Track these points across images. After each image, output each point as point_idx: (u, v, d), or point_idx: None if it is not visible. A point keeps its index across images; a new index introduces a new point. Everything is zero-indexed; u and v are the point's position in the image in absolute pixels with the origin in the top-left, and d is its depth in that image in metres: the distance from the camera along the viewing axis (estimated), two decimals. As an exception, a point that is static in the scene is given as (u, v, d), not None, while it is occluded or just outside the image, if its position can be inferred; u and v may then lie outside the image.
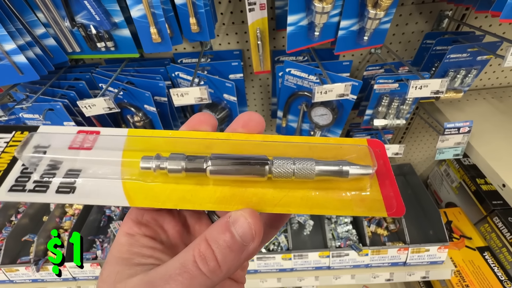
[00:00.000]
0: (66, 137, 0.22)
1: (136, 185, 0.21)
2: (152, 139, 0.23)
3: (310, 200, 0.21)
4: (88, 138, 0.22)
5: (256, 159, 0.21)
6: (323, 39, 0.59)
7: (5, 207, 1.09)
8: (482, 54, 0.64)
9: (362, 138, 0.24)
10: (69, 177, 0.21)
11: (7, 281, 0.95)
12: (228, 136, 0.23)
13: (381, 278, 0.87)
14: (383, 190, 0.22)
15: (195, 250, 0.18)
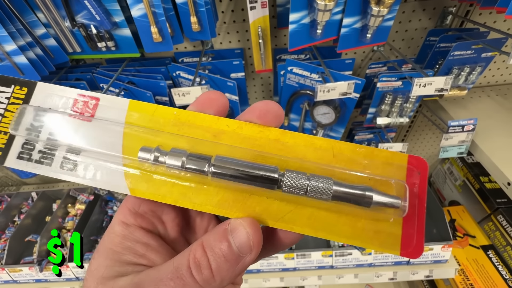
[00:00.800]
0: (66, 101, 0.21)
1: (137, 174, 0.20)
2: (155, 117, 0.20)
3: (318, 220, 0.19)
4: (88, 105, 0.20)
5: (265, 172, 0.18)
6: (325, 37, 0.58)
7: (8, 207, 1.10)
8: (487, 51, 0.63)
9: (402, 154, 0.20)
10: (71, 153, 0.20)
11: (11, 281, 0.96)
12: (240, 127, 0.20)
13: (385, 277, 0.87)
14: (406, 225, 0.19)
15: (190, 256, 0.18)
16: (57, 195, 1.15)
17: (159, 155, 0.19)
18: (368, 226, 0.19)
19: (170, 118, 0.20)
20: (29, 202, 1.15)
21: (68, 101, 0.21)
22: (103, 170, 0.20)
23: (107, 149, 0.20)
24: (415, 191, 0.19)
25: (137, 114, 0.20)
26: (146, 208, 0.21)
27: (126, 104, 0.21)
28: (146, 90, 0.65)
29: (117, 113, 0.20)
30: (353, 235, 0.19)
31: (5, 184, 1.25)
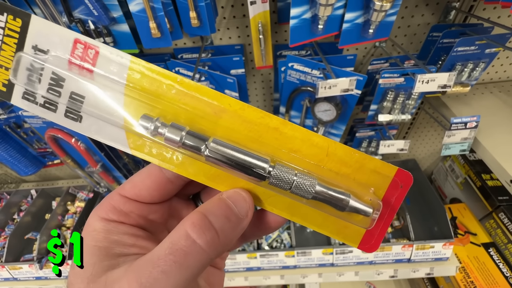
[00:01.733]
0: (65, 45, 0.19)
1: (138, 136, 0.20)
2: (156, 81, 0.19)
3: (296, 208, 0.21)
4: (87, 53, 0.19)
5: (257, 163, 0.19)
6: (327, 33, 0.57)
7: (8, 205, 1.09)
8: (491, 46, 0.62)
9: (393, 166, 0.21)
10: (74, 101, 0.19)
11: (11, 278, 0.96)
12: (242, 108, 0.20)
13: (385, 274, 0.87)
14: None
15: (187, 225, 0.17)
16: (57, 192, 1.15)
17: (159, 126, 0.19)
18: (338, 221, 0.21)
19: (172, 85, 0.20)
20: (29, 199, 1.14)
21: (67, 45, 0.19)
22: (105, 126, 0.20)
23: (109, 107, 0.19)
24: (391, 201, 0.21)
25: (138, 75, 0.19)
26: (132, 207, 0.20)
27: (127, 62, 0.19)
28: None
29: (118, 69, 0.19)
30: (323, 225, 0.21)
31: (5, 182, 1.24)
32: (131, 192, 0.20)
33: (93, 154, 0.76)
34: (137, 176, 0.21)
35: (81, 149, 0.73)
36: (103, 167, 0.79)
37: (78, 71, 0.19)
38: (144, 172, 0.21)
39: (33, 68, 0.19)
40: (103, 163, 0.79)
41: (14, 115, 0.88)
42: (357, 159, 0.20)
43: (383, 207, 0.20)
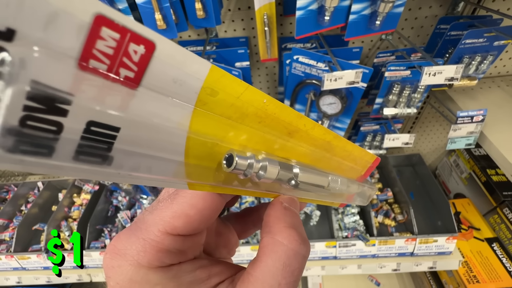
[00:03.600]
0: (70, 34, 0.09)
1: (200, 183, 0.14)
2: (240, 101, 0.13)
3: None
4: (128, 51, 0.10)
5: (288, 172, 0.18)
6: (333, 24, 0.57)
7: (15, 197, 1.11)
8: (499, 39, 0.61)
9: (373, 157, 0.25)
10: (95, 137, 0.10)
11: (19, 268, 0.98)
12: (312, 127, 0.17)
13: (388, 268, 0.87)
14: None
15: (288, 241, 0.16)
16: (63, 185, 1.17)
17: (253, 163, 0.14)
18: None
19: (257, 106, 0.14)
20: (35, 192, 1.16)
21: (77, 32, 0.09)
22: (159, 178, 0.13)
23: (165, 151, 0.12)
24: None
25: (217, 92, 0.12)
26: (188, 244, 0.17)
27: (205, 73, 0.12)
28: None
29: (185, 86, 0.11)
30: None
31: (12, 174, 1.26)
32: (184, 225, 0.16)
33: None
34: (182, 204, 0.16)
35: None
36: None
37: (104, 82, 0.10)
38: (194, 197, 0.16)
39: None
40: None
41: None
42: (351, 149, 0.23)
43: None
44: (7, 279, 1.00)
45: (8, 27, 0.07)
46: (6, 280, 1.00)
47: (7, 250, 0.98)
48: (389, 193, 0.96)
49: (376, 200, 0.97)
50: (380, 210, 0.94)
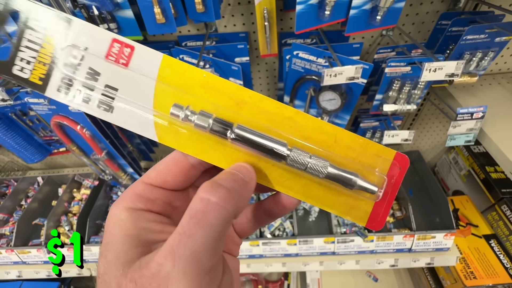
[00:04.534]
0: (102, 44, 0.20)
1: (165, 125, 0.22)
2: (185, 76, 0.21)
3: (309, 190, 0.23)
4: (123, 51, 0.21)
5: (276, 145, 0.21)
6: (333, 19, 0.56)
7: (15, 191, 1.11)
8: (501, 35, 0.61)
9: (391, 150, 0.23)
10: (107, 93, 0.21)
11: (20, 262, 0.99)
12: (261, 100, 0.22)
13: (386, 264, 0.88)
14: (377, 205, 0.23)
15: (199, 192, 0.18)
16: (63, 180, 1.17)
17: (189, 114, 0.20)
18: (348, 201, 0.23)
19: (198, 80, 0.21)
20: (35, 186, 1.16)
21: (104, 43, 0.21)
22: (135, 116, 0.21)
23: (140, 99, 0.21)
24: (392, 181, 0.23)
25: (169, 70, 0.21)
26: (159, 195, 0.21)
27: (159, 59, 0.21)
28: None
29: (150, 65, 0.21)
30: (334, 205, 0.23)
31: (11, 169, 1.26)
32: (156, 179, 0.21)
33: (98, 141, 0.77)
34: (161, 164, 0.22)
35: (86, 136, 0.73)
36: (108, 155, 0.80)
37: (114, 67, 0.21)
38: (169, 159, 0.22)
39: (71, 64, 0.20)
40: (108, 151, 0.79)
41: (20, 102, 0.88)
42: (361, 144, 0.23)
43: (385, 188, 0.23)
44: (7, 273, 1.00)
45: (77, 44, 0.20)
46: (7, 274, 1.01)
47: (7, 244, 0.98)
48: (388, 189, 0.96)
49: (375, 197, 0.97)
50: (379, 206, 0.94)
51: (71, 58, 0.20)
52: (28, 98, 0.69)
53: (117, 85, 0.21)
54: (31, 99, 0.69)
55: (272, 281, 1.27)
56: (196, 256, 0.16)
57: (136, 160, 0.91)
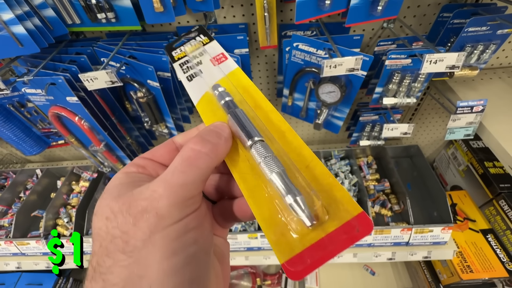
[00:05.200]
0: (215, 52, 0.31)
1: (207, 99, 0.28)
2: (240, 80, 0.29)
3: (256, 193, 0.22)
4: (221, 58, 0.31)
5: (255, 130, 0.24)
6: (334, 9, 0.56)
7: (14, 183, 1.11)
8: (503, 27, 0.60)
9: (358, 207, 0.20)
10: (197, 73, 0.30)
11: (19, 253, 0.99)
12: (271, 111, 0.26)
13: (383, 257, 0.88)
14: (308, 250, 0.19)
15: (190, 143, 0.22)
16: (61, 172, 1.17)
17: (219, 91, 0.28)
18: (282, 225, 0.20)
19: (245, 84, 0.29)
20: (34, 179, 1.16)
21: (216, 52, 0.31)
22: (198, 87, 0.29)
23: (208, 79, 0.29)
24: (340, 239, 0.19)
25: (235, 75, 0.30)
26: (149, 163, 0.25)
27: (234, 67, 0.30)
28: (147, 65, 0.64)
29: (228, 68, 0.30)
30: (267, 222, 0.21)
31: (10, 162, 1.26)
32: (147, 154, 0.26)
33: (97, 133, 0.76)
34: (157, 147, 0.26)
35: (84, 128, 0.73)
36: (106, 146, 0.80)
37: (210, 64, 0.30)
38: (162, 144, 0.26)
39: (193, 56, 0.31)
40: (107, 143, 0.79)
41: (17, 94, 0.88)
42: (329, 182, 0.21)
43: (325, 242, 0.19)
44: (6, 264, 1.01)
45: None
46: (6, 265, 1.01)
47: (6, 236, 0.99)
48: (386, 183, 0.96)
49: (373, 191, 0.97)
50: (377, 200, 0.95)
51: (196, 54, 0.31)
52: (25, 88, 0.69)
53: (204, 71, 0.30)
54: (28, 90, 0.69)
55: (270, 274, 1.28)
56: (185, 185, 0.20)
57: (135, 153, 0.90)
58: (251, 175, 0.23)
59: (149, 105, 0.72)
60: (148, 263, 0.18)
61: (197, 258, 0.20)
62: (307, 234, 0.19)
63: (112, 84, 0.59)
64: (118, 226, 0.19)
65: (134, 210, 0.19)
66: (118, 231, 0.19)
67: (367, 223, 0.19)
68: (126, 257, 0.18)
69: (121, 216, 0.19)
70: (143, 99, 0.70)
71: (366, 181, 0.99)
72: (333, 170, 1.02)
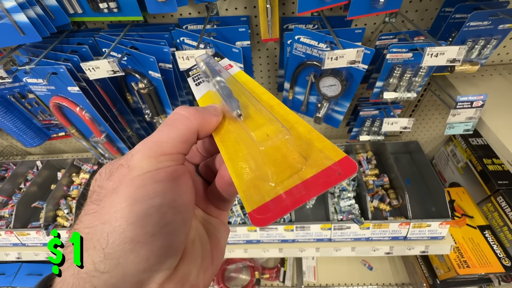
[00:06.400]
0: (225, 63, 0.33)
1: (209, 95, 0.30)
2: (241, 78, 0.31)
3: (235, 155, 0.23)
4: (227, 66, 0.33)
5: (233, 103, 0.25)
6: (336, 1, 0.56)
7: (14, 175, 1.12)
8: (504, 22, 0.60)
9: (341, 152, 0.20)
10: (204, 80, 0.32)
11: (19, 244, 1.00)
12: (263, 93, 0.28)
13: (381, 251, 0.89)
14: (277, 199, 0.19)
15: (176, 109, 0.24)
16: (62, 164, 1.17)
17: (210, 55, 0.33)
18: (254, 183, 0.20)
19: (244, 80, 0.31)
20: (34, 170, 1.17)
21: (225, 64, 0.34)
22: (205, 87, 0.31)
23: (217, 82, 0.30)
24: (319, 182, 0.19)
25: (238, 74, 0.32)
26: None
27: (238, 70, 0.32)
28: (149, 55, 0.64)
29: (233, 71, 0.32)
30: (241, 179, 0.21)
31: (10, 154, 1.26)
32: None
33: (98, 124, 0.77)
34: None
35: (86, 119, 0.73)
36: (107, 138, 0.80)
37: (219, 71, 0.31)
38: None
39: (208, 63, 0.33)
40: (108, 134, 0.79)
41: (18, 84, 0.88)
42: (311, 137, 0.22)
43: (300, 188, 0.19)
44: (7, 254, 1.02)
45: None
46: (6, 255, 1.02)
47: (6, 226, 0.99)
48: (385, 178, 0.97)
49: (372, 185, 0.98)
50: (376, 195, 0.95)
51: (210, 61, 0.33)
52: (26, 78, 0.69)
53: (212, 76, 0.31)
54: (30, 79, 0.69)
55: (269, 268, 1.29)
56: (159, 142, 0.21)
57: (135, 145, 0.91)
58: (232, 143, 0.24)
59: (150, 96, 0.72)
60: (111, 210, 0.18)
61: (163, 212, 0.19)
62: (281, 183, 0.20)
63: (114, 74, 0.59)
64: (98, 182, 0.20)
65: (113, 167, 0.20)
66: (97, 187, 0.20)
67: (350, 165, 0.19)
68: (95, 206, 0.19)
69: (103, 174, 0.20)
70: (144, 90, 0.70)
71: (365, 176, 1.00)
72: (333, 165, 1.02)
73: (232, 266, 1.30)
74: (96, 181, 0.21)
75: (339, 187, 0.95)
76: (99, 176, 0.21)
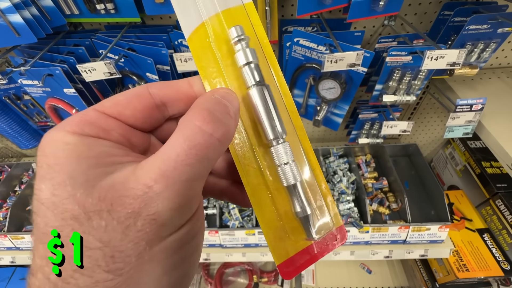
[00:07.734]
0: None
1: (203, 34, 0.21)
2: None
3: (258, 193, 0.22)
4: None
5: (279, 124, 0.20)
6: (336, 4, 0.55)
7: (9, 177, 1.10)
8: (503, 25, 0.60)
9: (340, 222, 0.23)
10: None
11: (13, 247, 0.98)
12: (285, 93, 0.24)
13: (380, 255, 0.88)
14: (299, 255, 0.22)
15: (198, 121, 0.16)
16: (58, 167, 1.15)
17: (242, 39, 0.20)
18: (282, 230, 0.22)
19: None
20: (30, 173, 1.15)
21: None
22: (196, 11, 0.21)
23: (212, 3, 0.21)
24: (323, 246, 0.22)
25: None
26: (113, 126, 0.18)
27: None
28: (147, 57, 0.63)
29: None
30: (267, 223, 0.21)
31: (5, 156, 1.25)
32: (112, 108, 0.18)
33: (94, 126, 0.76)
34: (121, 95, 0.19)
35: (81, 121, 0.72)
36: (104, 140, 0.79)
37: None
38: (130, 92, 0.19)
39: None
40: (104, 136, 0.78)
41: (14, 86, 0.87)
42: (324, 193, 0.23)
43: (313, 248, 0.22)
44: (1, 258, 1.00)
45: None
46: (0, 259, 1.00)
47: (0, 229, 0.97)
48: (384, 182, 0.97)
49: (371, 189, 0.97)
50: (375, 198, 0.95)
51: None
52: (21, 79, 0.68)
53: None
54: (25, 81, 0.68)
55: (267, 271, 1.28)
56: (191, 182, 0.16)
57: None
58: (252, 169, 0.21)
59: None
60: (143, 281, 0.15)
61: (195, 264, 0.18)
62: (300, 241, 0.22)
63: (111, 76, 0.58)
64: (96, 233, 0.14)
65: (119, 212, 0.14)
66: (96, 241, 0.14)
67: (344, 234, 0.23)
68: (113, 276, 0.14)
69: (98, 219, 0.14)
70: (141, 92, 0.69)
71: (365, 179, 0.99)
72: (332, 167, 1.02)
73: (230, 269, 1.29)
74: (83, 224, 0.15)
75: (338, 190, 0.94)
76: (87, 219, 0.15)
